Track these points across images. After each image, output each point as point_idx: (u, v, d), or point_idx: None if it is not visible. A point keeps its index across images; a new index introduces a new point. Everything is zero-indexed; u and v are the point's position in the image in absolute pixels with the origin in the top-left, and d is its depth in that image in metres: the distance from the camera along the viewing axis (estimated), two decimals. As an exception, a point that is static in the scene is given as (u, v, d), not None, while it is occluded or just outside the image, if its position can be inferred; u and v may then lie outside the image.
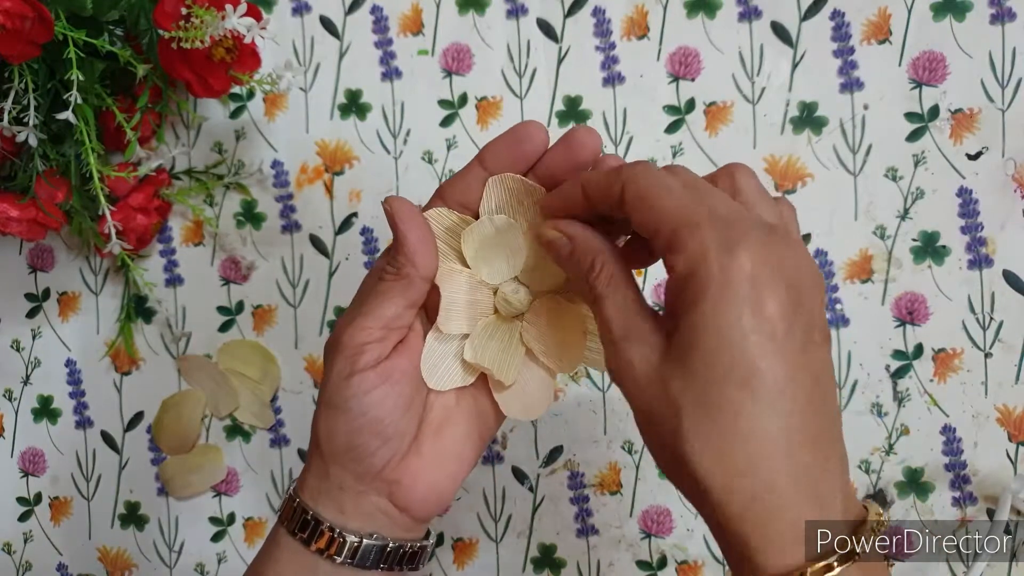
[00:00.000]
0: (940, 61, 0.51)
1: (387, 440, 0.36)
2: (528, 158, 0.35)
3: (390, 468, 0.36)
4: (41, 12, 0.44)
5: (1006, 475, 0.50)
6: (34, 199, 0.52)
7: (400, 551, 0.37)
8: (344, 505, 0.36)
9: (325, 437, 0.36)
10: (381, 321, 0.35)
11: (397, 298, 0.35)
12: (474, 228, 0.37)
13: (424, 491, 0.37)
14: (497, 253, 0.37)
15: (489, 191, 0.36)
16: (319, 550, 0.36)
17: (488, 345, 0.38)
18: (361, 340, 0.35)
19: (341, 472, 0.36)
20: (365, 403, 0.35)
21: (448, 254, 0.38)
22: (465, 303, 0.38)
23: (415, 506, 0.37)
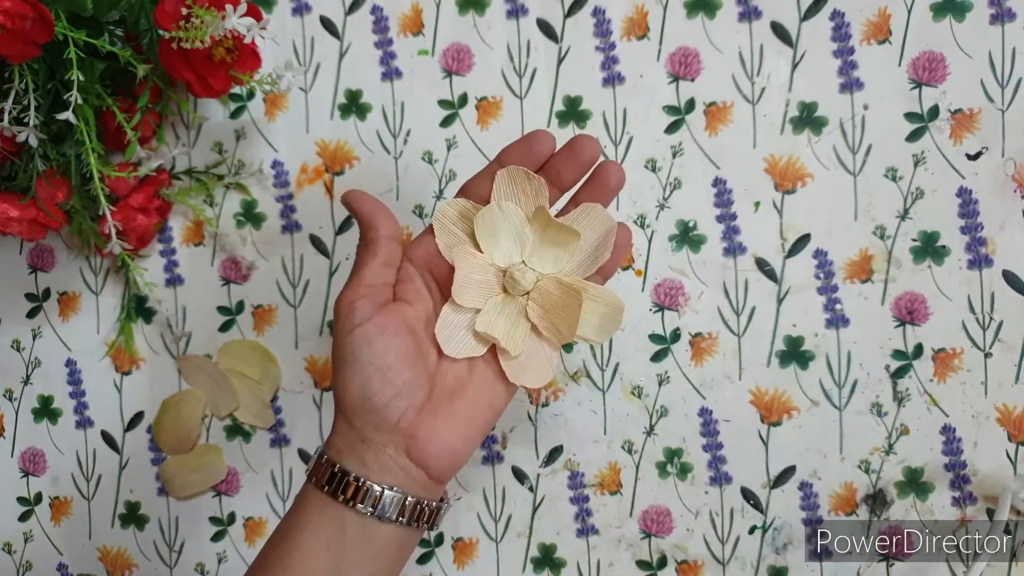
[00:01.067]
0: (940, 61, 0.51)
1: (398, 391, 0.40)
2: (538, 159, 0.42)
3: (405, 421, 0.40)
4: (41, 12, 0.44)
5: (1006, 475, 0.50)
6: (34, 199, 0.52)
7: (417, 507, 0.40)
8: (366, 457, 0.40)
9: (341, 392, 0.40)
10: (362, 281, 0.41)
11: (369, 259, 0.42)
12: (483, 212, 0.43)
13: (439, 447, 0.40)
14: (506, 238, 0.43)
15: (498, 183, 0.42)
16: (345, 500, 0.39)
17: (497, 320, 0.43)
18: (349, 299, 0.41)
19: (361, 424, 0.40)
20: (368, 352, 0.40)
21: (463, 238, 0.44)
22: (477, 281, 0.43)
23: (431, 462, 0.40)
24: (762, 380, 0.53)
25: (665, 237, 0.54)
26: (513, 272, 0.43)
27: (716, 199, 0.53)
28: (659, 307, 0.54)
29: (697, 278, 0.53)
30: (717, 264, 0.53)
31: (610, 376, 0.54)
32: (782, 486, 0.53)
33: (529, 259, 0.44)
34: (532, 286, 0.43)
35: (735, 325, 0.53)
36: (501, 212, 0.43)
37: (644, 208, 0.54)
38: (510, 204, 0.43)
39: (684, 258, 0.53)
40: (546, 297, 0.43)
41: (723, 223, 0.53)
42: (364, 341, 0.40)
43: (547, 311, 0.43)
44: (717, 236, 0.53)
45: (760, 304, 0.53)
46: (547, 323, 0.43)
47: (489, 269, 0.43)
